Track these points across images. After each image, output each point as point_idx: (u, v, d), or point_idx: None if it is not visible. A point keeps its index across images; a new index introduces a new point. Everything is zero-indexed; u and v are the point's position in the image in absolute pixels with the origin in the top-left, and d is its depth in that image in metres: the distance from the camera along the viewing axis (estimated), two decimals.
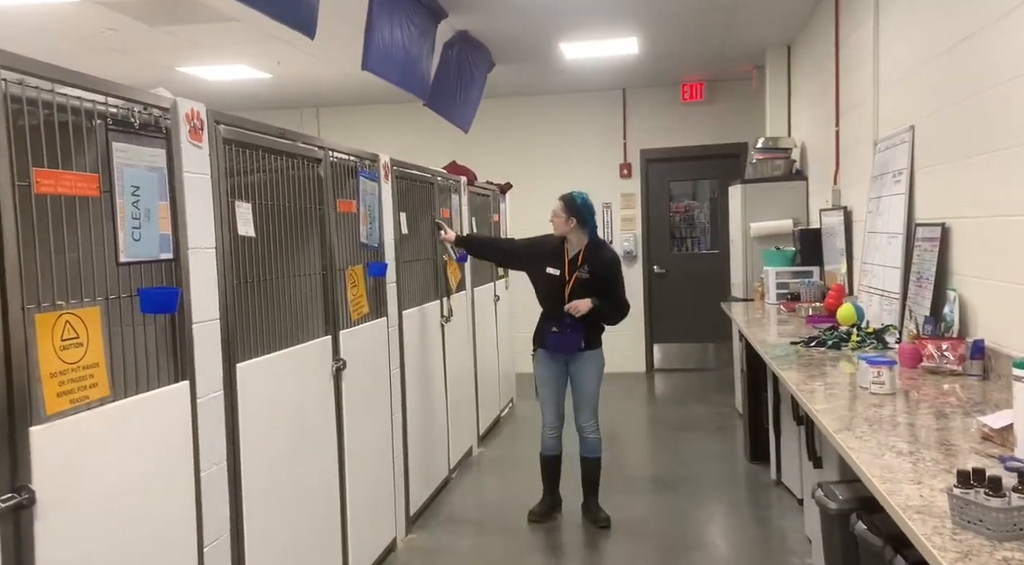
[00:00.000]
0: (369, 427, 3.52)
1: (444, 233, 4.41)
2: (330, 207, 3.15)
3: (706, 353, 8.39)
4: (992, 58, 2.69)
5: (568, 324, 3.98)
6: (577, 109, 8.29)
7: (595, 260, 4.02)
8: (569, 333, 3.98)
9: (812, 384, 2.74)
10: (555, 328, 4.01)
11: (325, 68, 6.56)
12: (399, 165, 4.08)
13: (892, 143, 3.66)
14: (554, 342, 4.04)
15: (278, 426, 2.68)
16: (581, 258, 4.02)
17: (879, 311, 3.70)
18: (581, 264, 4.00)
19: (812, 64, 5.72)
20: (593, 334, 4.06)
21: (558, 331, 4.00)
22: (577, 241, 4.04)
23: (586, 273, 3.98)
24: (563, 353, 4.06)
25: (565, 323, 3.98)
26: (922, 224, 3.28)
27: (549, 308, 4.09)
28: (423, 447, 4.31)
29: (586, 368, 4.07)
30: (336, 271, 3.20)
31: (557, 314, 4.00)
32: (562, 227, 4.02)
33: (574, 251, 4.04)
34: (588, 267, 3.99)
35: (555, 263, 4.04)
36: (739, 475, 4.88)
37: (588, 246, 4.04)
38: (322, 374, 3.05)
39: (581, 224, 4.01)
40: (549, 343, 4.06)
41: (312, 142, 3.07)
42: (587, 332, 4.01)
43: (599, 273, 4.00)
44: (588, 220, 4.03)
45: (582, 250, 4.03)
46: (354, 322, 3.35)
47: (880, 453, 1.88)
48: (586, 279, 3.98)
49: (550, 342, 4.05)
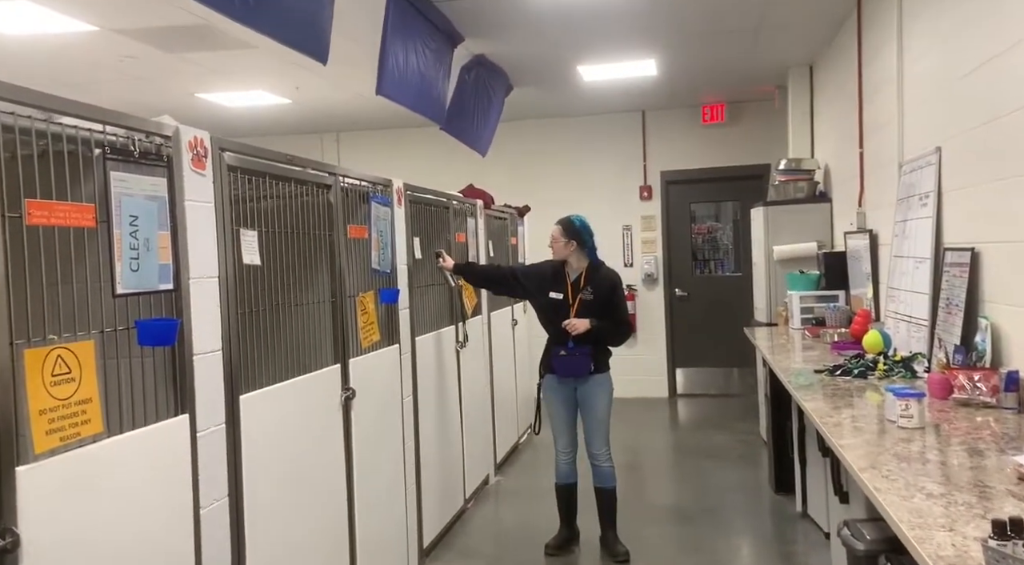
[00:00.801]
0: (380, 457, 3.45)
1: (443, 261, 4.34)
2: (340, 233, 3.11)
3: (730, 378, 8.23)
4: (1021, 77, 2.59)
5: (573, 347, 3.95)
6: (596, 131, 8.24)
7: (597, 281, 4.01)
8: (578, 356, 3.96)
9: (837, 416, 2.62)
10: (563, 351, 3.98)
11: (343, 93, 6.58)
12: (413, 190, 4.04)
13: (918, 165, 3.55)
14: (563, 366, 4.00)
15: (283, 458, 2.62)
16: (583, 280, 4.01)
17: (907, 338, 3.57)
18: (584, 286, 4.00)
19: (835, 85, 5.62)
20: (601, 357, 4.03)
21: (566, 355, 3.97)
22: (577, 264, 4.04)
23: (589, 294, 3.98)
24: (572, 376, 4.02)
25: (571, 347, 3.95)
26: (951, 249, 3.16)
27: (554, 333, 4.06)
28: (437, 477, 4.22)
29: (595, 393, 4.02)
30: (346, 298, 3.15)
31: (563, 338, 3.98)
32: (562, 251, 4.03)
33: (575, 274, 4.04)
34: (591, 288, 3.99)
35: (557, 287, 4.04)
36: (764, 507, 4.73)
37: (588, 268, 4.04)
38: (330, 404, 2.99)
39: (581, 246, 4.01)
40: (558, 367, 4.02)
41: (322, 168, 3.04)
42: (595, 354, 3.98)
43: (602, 294, 3.99)
44: (587, 242, 4.03)
45: (583, 272, 4.03)
46: (365, 350, 3.29)
47: (909, 494, 1.77)
48: (590, 300, 3.97)
49: (559, 366, 4.01)
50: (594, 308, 3.95)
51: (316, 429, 2.87)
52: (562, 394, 4.07)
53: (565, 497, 4.18)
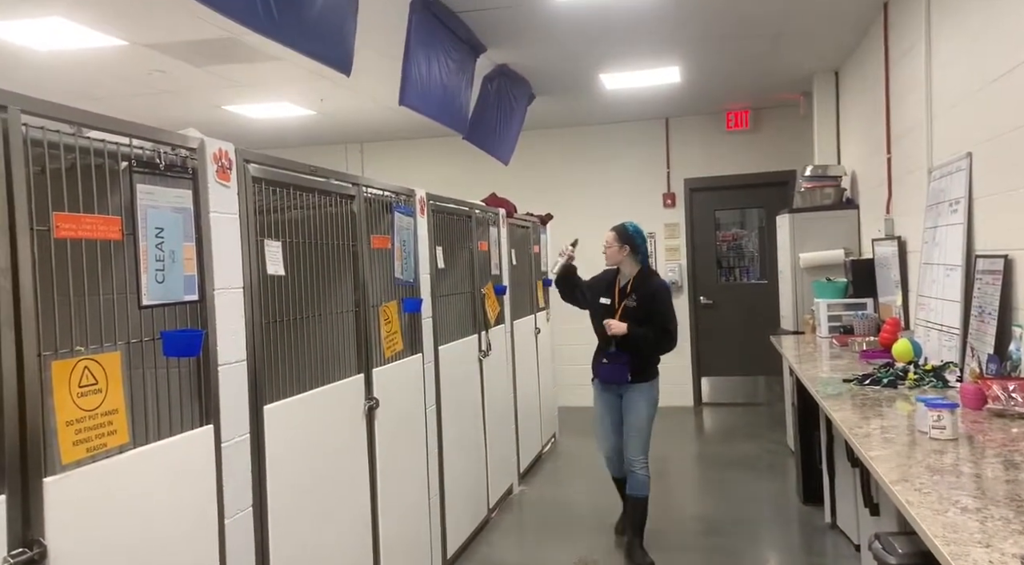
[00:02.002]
0: (403, 466, 3.44)
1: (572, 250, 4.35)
2: (364, 243, 3.12)
3: (756, 387, 8.14)
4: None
5: (615, 354, 4.06)
6: (619, 139, 8.22)
7: (643, 289, 4.08)
8: (617, 364, 4.05)
9: (867, 427, 2.57)
10: (605, 359, 4.11)
11: (367, 103, 6.63)
12: (435, 199, 4.05)
13: (947, 171, 3.49)
14: (604, 373, 4.14)
15: (307, 469, 2.62)
16: (630, 287, 4.10)
17: (937, 347, 3.50)
18: (630, 293, 4.09)
19: (861, 90, 5.56)
20: (642, 366, 4.08)
21: (608, 362, 4.09)
22: (629, 270, 4.14)
23: (633, 301, 4.05)
24: (613, 383, 4.13)
25: (612, 353, 4.07)
26: (983, 256, 3.09)
27: (601, 339, 4.19)
28: (461, 487, 4.21)
29: (636, 401, 4.07)
30: (369, 308, 3.15)
31: (607, 344, 4.10)
32: (615, 256, 4.13)
33: (624, 281, 4.15)
34: (636, 296, 4.06)
35: (607, 293, 4.18)
36: (792, 518, 4.66)
37: (638, 275, 4.12)
38: (354, 414, 2.99)
39: (633, 252, 4.11)
40: (600, 373, 4.17)
41: (345, 179, 3.05)
42: (635, 363, 4.04)
43: (645, 302, 4.04)
44: (640, 247, 4.14)
45: (631, 279, 4.12)
46: (388, 359, 3.30)
47: (943, 509, 1.72)
48: (633, 307, 4.03)
49: (601, 373, 4.16)
50: (637, 315, 4.02)
51: (340, 439, 2.88)
52: (606, 399, 4.20)
53: (622, 485, 4.28)
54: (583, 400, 8.25)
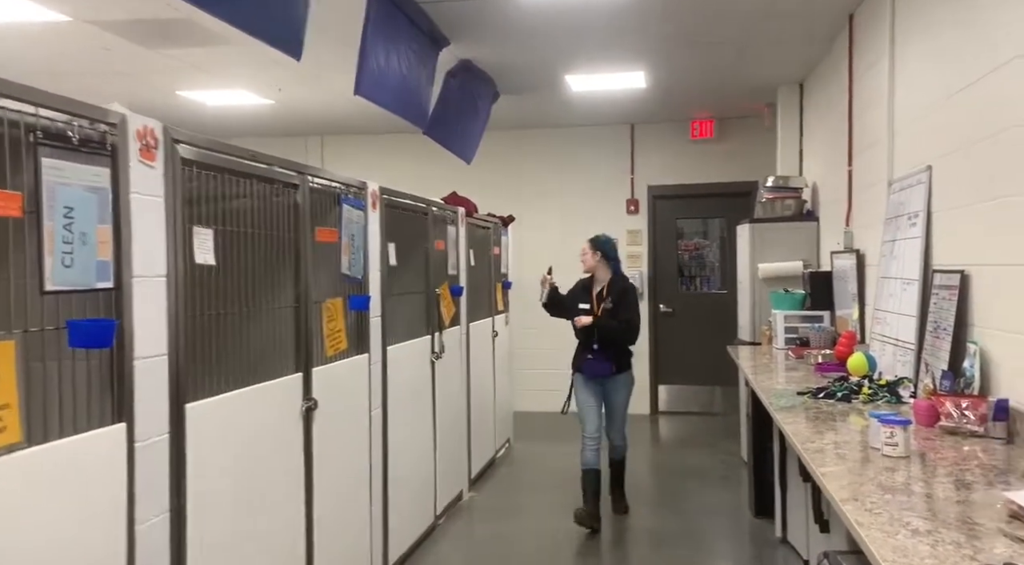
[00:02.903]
0: (344, 471, 3.30)
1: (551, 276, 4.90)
2: (307, 236, 2.97)
3: (712, 397, 8.11)
4: (1015, 95, 2.50)
5: (598, 351, 4.61)
6: (584, 143, 8.15)
7: (615, 291, 4.69)
8: (602, 360, 4.63)
9: (819, 441, 2.50)
10: (590, 355, 4.65)
11: (326, 95, 6.46)
12: (389, 194, 3.91)
13: (907, 184, 3.46)
14: (590, 368, 4.67)
15: (235, 472, 2.47)
16: (606, 291, 4.69)
17: (892, 362, 3.46)
18: (606, 297, 4.67)
19: (825, 102, 5.55)
20: (622, 360, 4.71)
21: (592, 358, 4.64)
22: (603, 276, 4.73)
23: (610, 303, 4.64)
24: (599, 376, 4.67)
25: (596, 351, 4.61)
26: (940, 270, 3.06)
27: (583, 338, 4.72)
28: (406, 493, 4.07)
29: (618, 389, 4.73)
30: (311, 304, 3.00)
31: (588, 343, 4.65)
32: (590, 261, 4.75)
33: (600, 286, 4.73)
34: (611, 298, 4.66)
35: (585, 299, 4.74)
36: (742, 531, 4.60)
37: (611, 281, 4.72)
38: (290, 415, 2.84)
39: (605, 258, 4.72)
40: (586, 368, 4.68)
41: (289, 166, 2.90)
42: (617, 358, 4.66)
43: (617, 300, 4.65)
44: (610, 255, 4.76)
45: (606, 285, 4.70)
46: (330, 359, 3.15)
47: (893, 530, 1.64)
48: (610, 309, 4.63)
49: (587, 368, 4.68)
50: (614, 315, 4.61)
51: (273, 441, 2.72)
52: (590, 390, 4.71)
53: (591, 479, 4.62)
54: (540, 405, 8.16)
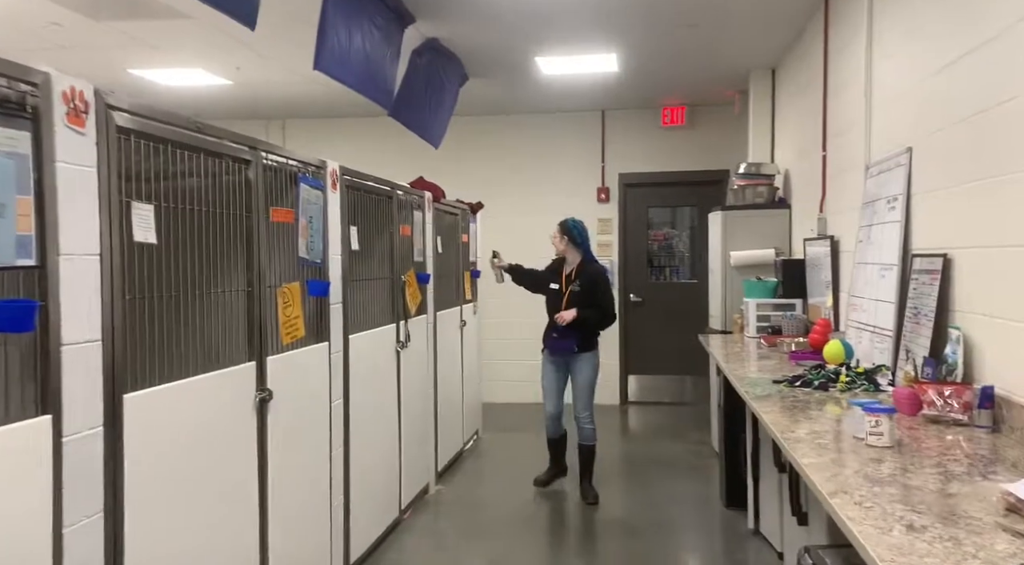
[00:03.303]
0: (301, 465, 3.13)
1: (499, 260, 5.22)
2: (261, 216, 2.79)
3: (683, 386, 8.05)
4: (1000, 73, 2.41)
5: (563, 330, 4.76)
6: (554, 130, 8.01)
7: (584, 276, 4.82)
8: (565, 339, 4.79)
9: (798, 430, 2.40)
10: (555, 333, 4.83)
11: (286, 75, 6.22)
12: (351, 175, 3.73)
13: (886, 167, 3.37)
14: (554, 346, 4.87)
15: (180, 468, 2.29)
16: (575, 274, 4.84)
17: (869, 349, 3.38)
18: (574, 279, 4.82)
19: (797, 87, 5.48)
20: (586, 339, 4.84)
21: (557, 337, 4.82)
22: (573, 260, 4.89)
23: (578, 286, 4.79)
24: (560, 354, 4.85)
25: (561, 329, 4.77)
26: (920, 255, 2.98)
27: (550, 316, 4.89)
28: (369, 487, 3.91)
29: (581, 367, 4.84)
30: (265, 289, 2.83)
31: (556, 323, 4.79)
32: (559, 245, 4.92)
33: (569, 268, 4.89)
34: (579, 282, 4.80)
35: (556, 279, 4.91)
36: (714, 522, 4.52)
37: (581, 263, 4.88)
38: (242, 406, 2.67)
39: (574, 243, 4.87)
40: (550, 346, 4.90)
41: (240, 140, 2.72)
42: (580, 337, 4.80)
43: (586, 286, 4.79)
44: (578, 239, 4.88)
45: (575, 267, 4.86)
46: (286, 347, 2.97)
47: (887, 526, 1.54)
48: (578, 292, 4.78)
49: (550, 345, 4.89)
50: (582, 298, 4.76)
51: (224, 434, 2.55)
52: (554, 366, 4.93)
53: (554, 445, 5.07)
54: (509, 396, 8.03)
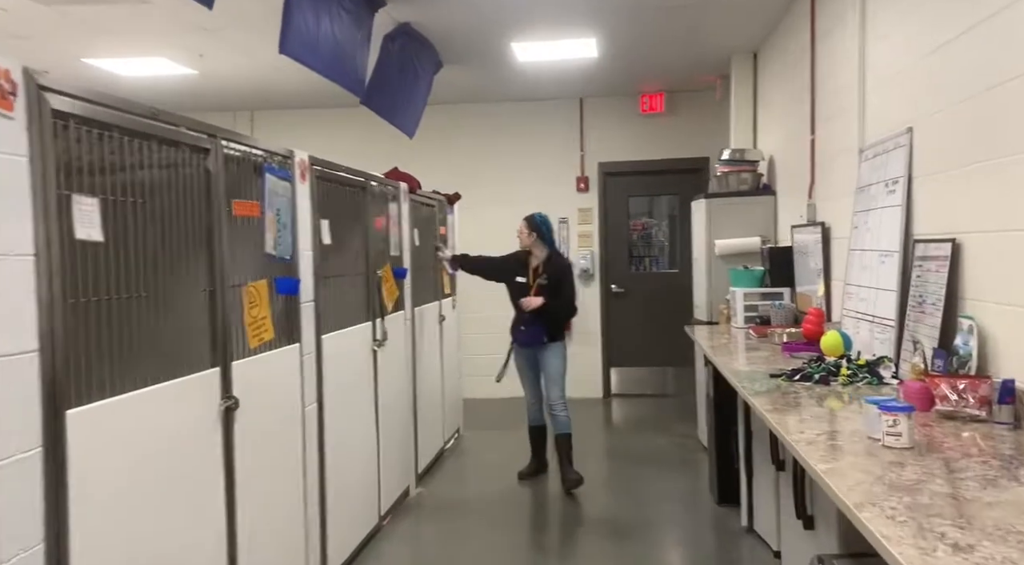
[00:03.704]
0: (272, 476, 2.92)
1: (441, 252, 5.38)
2: (222, 209, 2.57)
3: (665, 378, 7.92)
4: (1003, 51, 2.26)
5: (531, 322, 4.84)
6: (532, 119, 7.82)
7: (551, 269, 4.88)
8: (533, 330, 4.86)
9: (808, 431, 2.24)
10: (523, 326, 4.91)
11: (253, 62, 5.95)
12: (321, 165, 3.51)
13: (884, 149, 3.22)
14: (522, 338, 4.95)
15: (135, 488, 2.08)
16: (542, 267, 4.89)
17: (869, 339, 3.24)
18: (542, 273, 4.87)
19: (782, 70, 5.33)
20: (554, 330, 4.92)
21: (525, 329, 4.89)
22: (539, 253, 4.92)
23: (545, 280, 4.85)
24: (530, 346, 4.93)
25: (529, 321, 4.84)
26: (923, 240, 2.83)
27: (518, 310, 4.93)
28: (347, 494, 3.71)
29: (552, 357, 4.92)
30: (229, 288, 2.61)
31: (523, 314, 4.87)
32: (525, 240, 4.93)
33: (536, 262, 4.92)
34: (546, 275, 4.86)
35: (522, 272, 4.93)
36: (705, 520, 4.38)
37: (547, 257, 4.92)
38: (205, 417, 2.45)
39: (541, 238, 4.90)
40: (519, 338, 4.98)
41: (198, 128, 2.49)
42: (548, 328, 4.86)
43: (553, 279, 4.85)
44: (545, 234, 4.92)
45: (543, 261, 4.89)
46: (254, 350, 2.76)
47: (929, 546, 1.37)
48: (545, 285, 4.83)
49: (519, 338, 4.97)
50: (549, 291, 4.82)
51: (185, 448, 2.34)
52: (525, 358, 5.03)
53: (535, 435, 5.18)
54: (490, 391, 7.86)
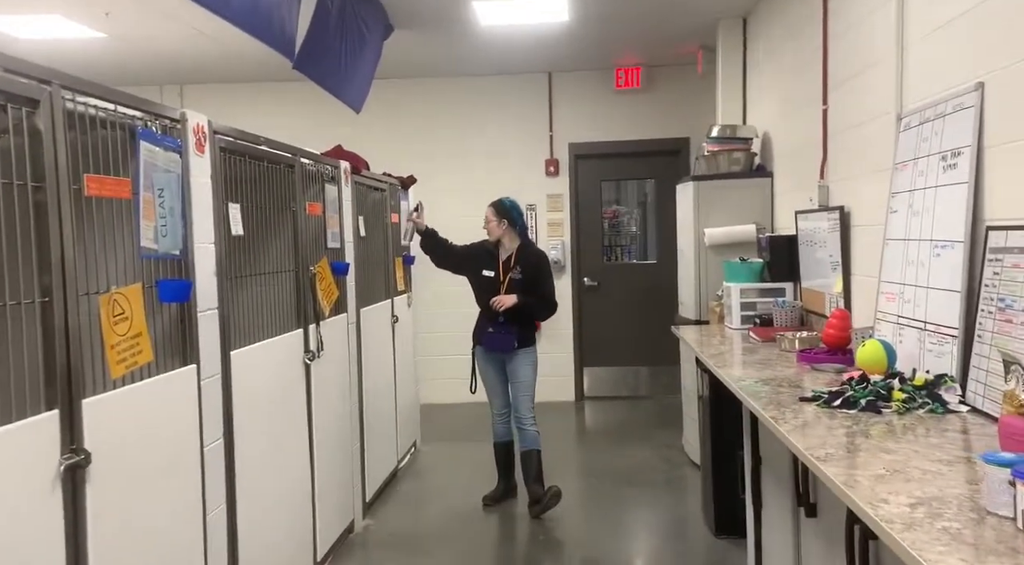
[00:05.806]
0: (152, 548, 2.19)
1: (418, 216, 4.57)
2: (63, 189, 1.83)
3: (638, 378, 7.30)
4: None
5: (502, 324, 4.26)
6: (496, 95, 7.10)
7: (525, 260, 4.31)
8: (504, 333, 4.27)
9: (887, 494, 1.59)
10: (491, 328, 4.30)
11: (171, 25, 5.13)
12: (228, 134, 2.76)
13: (938, 113, 2.58)
14: (490, 341, 4.32)
15: None
16: (514, 260, 4.31)
17: (916, 352, 2.61)
18: (514, 266, 4.30)
19: (781, 33, 4.69)
20: (526, 333, 4.35)
21: (494, 331, 4.29)
22: (510, 243, 4.35)
23: (518, 273, 4.28)
24: (499, 352, 4.32)
25: (499, 323, 4.27)
26: (1000, 227, 2.20)
27: (486, 309, 4.33)
28: (268, 544, 2.99)
29: (522, 365, 4.33)
30: (77, 297, 1.87)
31: (492, 314, 4.27)
32: (496, 231, 4.33)
33: (507, 254, 4.34)
34: (520, 268, 4.29)
35: (490, 266, 4.34)
36: (700, 556, 3.75)
37: (519, 248, 4.34)
38: (33, 482, 1.72)
39: (512, 226, 4.32)
40: (486, 342, 4.35)
41: (20, 70, 1.74)
42: (520, 331, 4.30)
43: (528, 272, 4.28)
44: (518, 221, 4.35)
45: (514, 252, 4.32)
46: (116, 382, 2.03)
47: None
48: (519, 279, 4.27)
49: (487, 341, 4.34)
50: (522, 286, 4.25)
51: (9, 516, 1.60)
52: (492, 364, 4.41)
53: (502, 453, 4.51)
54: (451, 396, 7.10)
